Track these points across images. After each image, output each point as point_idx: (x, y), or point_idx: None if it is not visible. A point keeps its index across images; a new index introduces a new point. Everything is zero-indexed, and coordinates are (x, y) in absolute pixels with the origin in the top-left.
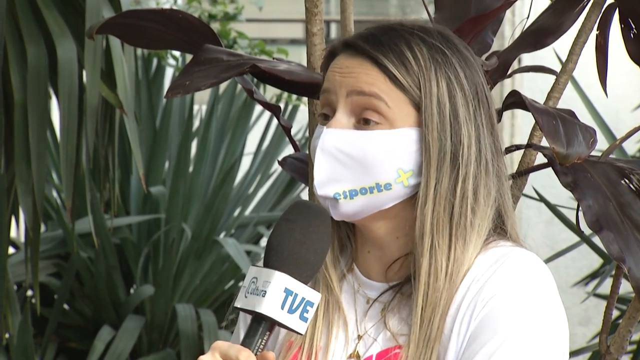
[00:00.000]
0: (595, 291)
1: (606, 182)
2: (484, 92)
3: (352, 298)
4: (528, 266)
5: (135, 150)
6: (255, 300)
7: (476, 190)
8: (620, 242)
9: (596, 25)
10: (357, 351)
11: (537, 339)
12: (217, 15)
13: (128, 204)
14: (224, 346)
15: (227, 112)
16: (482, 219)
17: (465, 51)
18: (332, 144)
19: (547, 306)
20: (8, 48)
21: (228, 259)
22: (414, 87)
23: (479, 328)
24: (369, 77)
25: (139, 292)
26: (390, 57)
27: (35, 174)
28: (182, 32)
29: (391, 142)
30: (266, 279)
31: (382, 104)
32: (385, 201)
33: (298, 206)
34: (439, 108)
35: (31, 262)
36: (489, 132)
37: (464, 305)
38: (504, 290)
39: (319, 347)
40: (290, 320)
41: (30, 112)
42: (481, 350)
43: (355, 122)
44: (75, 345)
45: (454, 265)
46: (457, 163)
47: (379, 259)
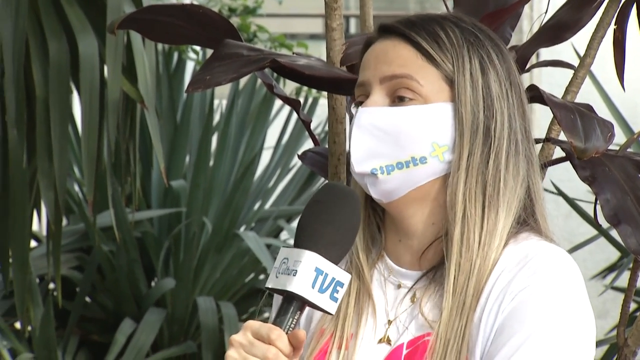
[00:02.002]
0: (613, 284)
1: (624, 175)
2: (517, 78)
3: (381, 285)
4: (558, 262)
5: (156, 144)
6: (286, 280)
7: (507, 166)
8: (638, 235)
9: (614, 20)
10: (387, 336)
11: (564, 335)
12: (237, 9)
13: (149, 197)
14: (255, 325)
15: (247, 107)
16: (511, 196)
17: (498, 41)
18: (368, 121)
19: (574, 303)
20: (30, 44)
21: (248, 252)
22: (447, 62)
23: (506, 321)
24: (401, 59)
25: (160, 285)
26: (423, 34)
27: (57, 168)
28: (203, 27)
29: (425, 117)
30: (297, 259)
31: (415, 83)
32: (422, 176)
33: (327, 187)
34: (472, 82)
35: (53, 255)
36: (520, 115)
37: (492, 296)
38: (533, 285)
39: (350, 335)
40: (320, 299)
41: (52, 107)
42: (508, 343)
43: (390, 102)
44: (97, 337)
45: (487, 236)
46: (490, 137)
47: (409, 248)
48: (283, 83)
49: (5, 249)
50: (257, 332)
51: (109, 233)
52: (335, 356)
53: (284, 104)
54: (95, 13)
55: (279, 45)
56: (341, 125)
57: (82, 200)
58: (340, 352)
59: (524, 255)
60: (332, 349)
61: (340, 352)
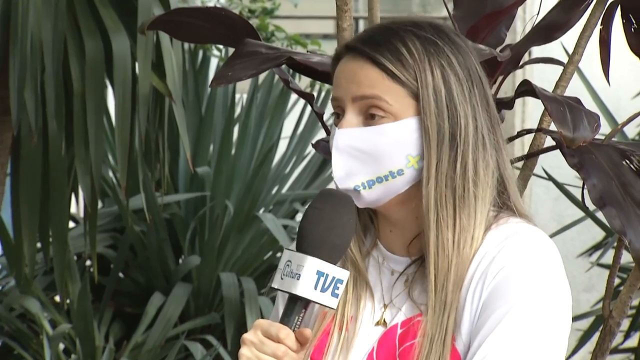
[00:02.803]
0: (598, 261)
1: (609, 162)
2: (477, 72)
3: (377, 271)
4: (535, 241)
5: (182, 134)
6: (291, 283)
7: (476, 164)
8: (621, 217)
9: (600, 21)
10: (383, 319)
11: (542, 306)
12: (256, 11)
13: (177, 182)
14: (265, 324)
15: (266, 100)
16: (484, 189)
17: (456, 38)
18: (345, 143)
19: (551, 277)
20: (68, 43)
21: (267, 232)
22: (412, 79)
23: (490, 297)
24: (369, 80)
25: (187, 262)
26: (387, 55)
27: (93, 156)
28: (225, 28)
29: (397, 133)
30: (299, 263)
31: (384, 103)
32: (401, 185)
33: (324, 195)
34: (435, 95)
35: (89, 235)
36: (484, 109)
37: (476, 277)
38: (513, 263)
39: (349, 317)
40: (323, 298)
41: (88, 101)
42: (492, 316)
43: (363, 119)
44: (130, 310)
45: (461, 235)
46: (456, 142)
47: (400, 237)
48: (298, 78)
49: (46, 229)
50: (267, 331)
51: (140, 215)
52: (337, 337)
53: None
54: (128, 15)
55: (295, 43)
56: None
57: (115, 185)
58: (341, 333)
59: (504, 237)
60: (334, 331)
61: (341, 333)
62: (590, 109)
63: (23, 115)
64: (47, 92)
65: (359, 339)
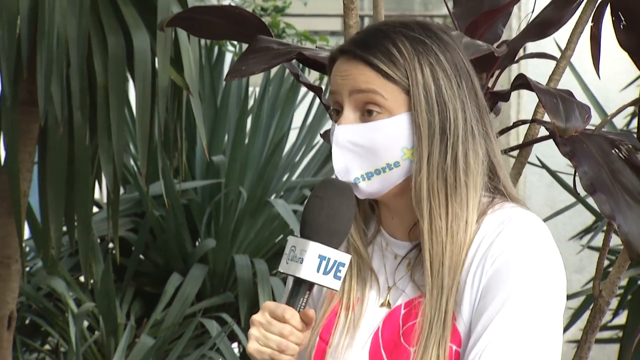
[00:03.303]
0: (589, 244)
1: (599, 151)
2: (465, 67)
3: (381, 256)
4: (530, 226)
5: (199, 124)
6: (295, 267)
7: (466, 154)
8: (611, 202)
9: (591, 18)
10: (388, 300)
11: (541, 288)
12: (268, 9)
13: (193, 170)
14: (272, 306)
15: (277, 93)
16: (474, 177)
17: (444, 36)
18: (345, 138)
19: (547, 260)
20: (92, 39)
21: (278, 217)
22: (403, 77)
23: (490, 282)
24: (365, 77)
25: (203, 245)
26: (379, 56)
27: (115, 145)
28: (239, 25)
29: (392, 128)
30: (303, 248)
31: (379, 97)
32: (397, 177)
33: (325, 184)
34: (425, 92)
35: (112, 219)
36: (472, 101)
37: (475, 260)
38: (511, 248)
39: (355, 299)
40: (325, 280)
41: (110, 93)
42: (494, 301)
43: (360, 115)
44: (150, 289)
45: (454, 222)
46: (446, 135)
47: (401, 223)
48: (307, 72)
49: (71, 214)
50: (274, 312)
51: (160, 200)
52: (344, 317)
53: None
54: (148, 12)
55: (304, 40)
56: None
57: (136, 172)
58: (347, 314)
59: (500, 222)
60: (341, 312)
61: (348, 314)
62: (582, 101)
63: (50, 107)
64: (72, 85)
65: (364, 320)
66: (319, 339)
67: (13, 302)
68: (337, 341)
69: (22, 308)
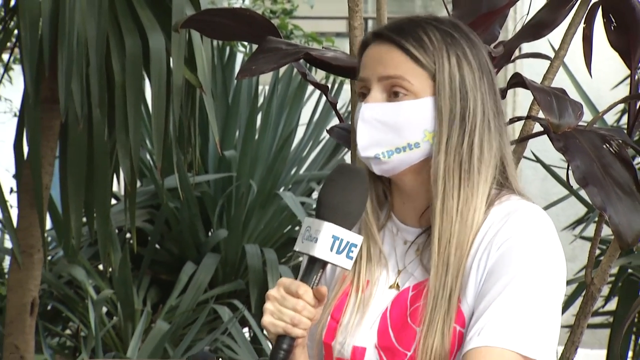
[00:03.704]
0: (581, 234)
1: (591, 146)
2: (487, 65)
3: (392, 241)
4: (535, 217)
5: (212, 121)
6: (310, 246)
7: (481, 143)
8: (602, 195)
9: (583, 20)
10: (397, 283)
11: (542, 274)
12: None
13: (206, 164)
14: (287, 282)
15: (286, 91)
16: (486, 167)
17: (471, 35)
18: (371, 115)
19: (549, 248)
20: (110, 40)
21: (286, 208)
22: (430, 63)
23: (494, 266)
24: (394, 62)
25: (216, 235)
26: (411, 41)
27: (132, 140)
28: (249, 27)
29: (416, 110)
30: (317, 228)
31: (406, 82)
32: (416, 157)
33: (340, 169)
34: (450, 79)
35: (129, 210)
36: (492, 97)
37: (482, 247)
38: (515, 236)
39: (366, 281)
40: (338, 259)
41: (128, 91)
42: (497, 283)
43: (387, 96)
44: (165, 277)
45: (464, 204)
46: (465, 122)
47: (412, 209)
48: (314, 72)
49: (91, 206)
50: (288, 288)
51: (174, 193)
52: (354, 298)
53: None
54: (163, 14)
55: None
56: None
57: (152, 166)
58: (358, 295)
59: (506, 212)
60: (352, 293)
61: (358, 295)
62: (574, 98)
63: (70, 104)
64: (91, 83)
65: (374, 300)
66: (330, 318)
67: (35, 289)
68: (348, 320)
69: (44, 295)
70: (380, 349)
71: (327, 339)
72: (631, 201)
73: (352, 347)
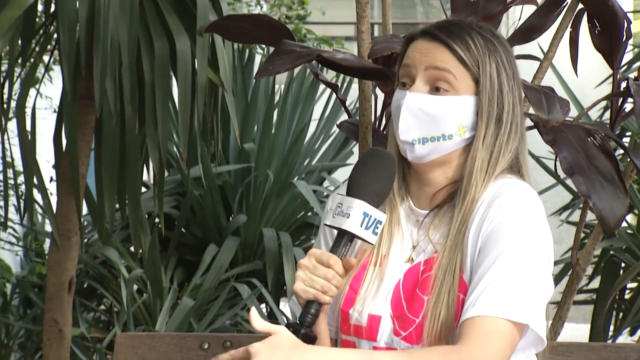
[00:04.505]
0: (567, 219)
1: (577, 139)
2: (517, 73)
3: (407, 220)
4: (522, 193)
5: (232, 116)
6: (341, 220)
7: (508, 142)
8: (587, 183)
9: (570, 24)
10: (411, 257)
11: (528, 245)
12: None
13: (227, 155)
14: (318, 252)
15: (299, 89)
16: (504, 162)
17: (506, 44)
18: (415, 105)
19: (534, 222)
20: (140, 43)
21: (300, 196)
22: (474, 65)
23: (487, 240)
24: (443, 57)
25: (236, 220)
26: (458, 43)
27: (160, 134)
28: (267, 31)
29: (456, 105)
30: (349, 205)
31: (451, 77)
32: (447, 148)
33: (373, 152)
34: (491, 82)
35: (158, 197)
36: (520, 103)
37: (475, 221)
38: (504, 212)
39: (383, 255)
40: (366, 234)
41: (156, 89)
42: (489, 256)
43: (429, 89)
44: (190, 258)
45: (483, 190)
46: (501, 122)
47: (426, 193)
48: (325, 72)
49: (123, 193)
50: (319, 258)
51: (199, 182)
52: (372, 270)
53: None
54: (188, 20)
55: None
56: (368, 102)
57: (178, 158)
58: (375, 267)
59: (496, 190)
60: (370, 265)
61: (375, 267)
62: (562, 96)
63: (104, 101)
64: (123, 82)
65: (389, 273)
66: (349, 288)
67: (73, 269)
68: (365, 290)
69: (80, 274)
70: (394, 318)
71: (345, 307)
72: (613, 189)
73: (369, 315)
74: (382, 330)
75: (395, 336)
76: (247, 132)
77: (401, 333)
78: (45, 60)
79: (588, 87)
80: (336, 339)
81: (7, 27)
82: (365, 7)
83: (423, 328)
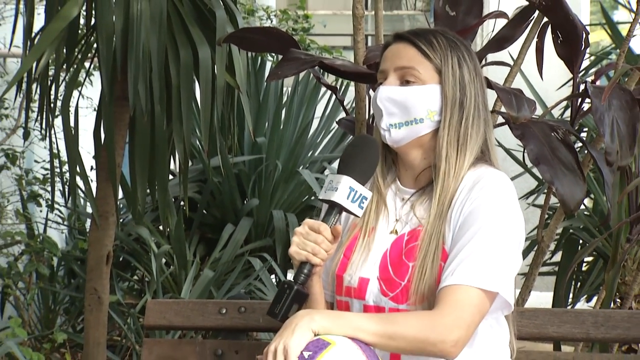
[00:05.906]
0: (533, 203)
1: (542, 134)
2: (479, 69)
3: (394, 198)
4: (498, 180)
5: (247, 114)
6: (331, 194)
7: (473, 125)
8: (551, 172)
9: (536, 35)
10: (395, 229)
11: (502, 225)
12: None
13: (242, 148)
14: (311, 221)
15: (304, 91)
16: (473, 144)
17: (468, 46)
18: (386, 95)
19: (508, 205)
20: (168, 51)
21: (305, 183)
22: (437, 59)
23: (465, 219)
24: (408, 56)
25: (250, 203)
26: (423, 41)
27: (185, 129)
28: (276, 41)
29: (422, 93)
30: (338, 180)
31: (416, 72)
32: (420, 130)
33: (360, 137)
34: (453, 72)
35: (183, 184)
36: (482, 93)
37: (458, 201)
38: (482, 195)
39: (371, 228)
40: (352, 207)
41: (182, 91)
42: (467, 232)
43: (400, 83)
44: (210, 235)
45: (458, 169)
46: (463, 107)
47: (411, 174)
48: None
49: (153, 180)
50: (312, 226)
51: (218, 170)
52: (362, 241)
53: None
54: (209, 32)
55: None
56: (363, 102)
57: (200, 150)
58: (364, 239)
59: (477, 176)
60: (360, 237)
61: (365, 238)
62: (529, 97)
63: (137, 102)
64: (153, 85)
65: (377, 243)
66: (342, 256)
67: (110, 244)
68: (356, 257)
69: (117, 249)
70: (381, 280)
71: (339, 271)
72: (573, 177)
73: (359, 278)
74: (370, 291)
75: (383, 296)
76: (259, 127)
77: (389, 294)
78: (86, 66)
79: (551, 89)
80: (332, 302)
81: (53, 38)
82: (360, 21)
83: (409, 290)
